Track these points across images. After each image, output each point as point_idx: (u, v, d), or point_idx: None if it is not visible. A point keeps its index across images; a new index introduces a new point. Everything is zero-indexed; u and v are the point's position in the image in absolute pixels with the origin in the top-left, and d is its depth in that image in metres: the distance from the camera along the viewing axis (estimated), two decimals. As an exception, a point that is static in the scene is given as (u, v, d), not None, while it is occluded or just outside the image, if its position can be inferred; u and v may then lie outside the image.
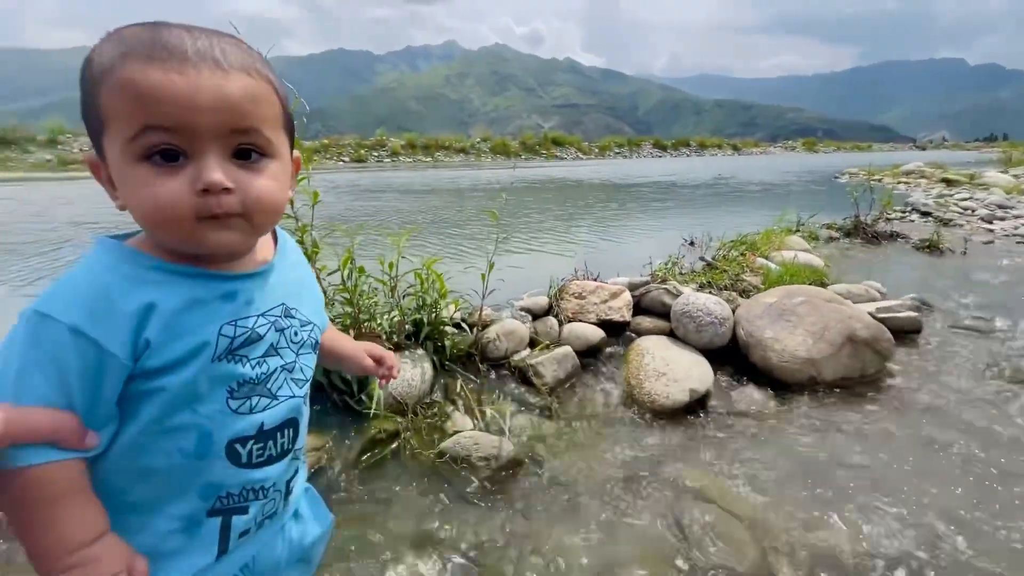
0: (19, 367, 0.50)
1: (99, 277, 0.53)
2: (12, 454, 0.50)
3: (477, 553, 1.27)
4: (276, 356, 0.62)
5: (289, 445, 0.65)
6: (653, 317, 2.46)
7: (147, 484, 0.57)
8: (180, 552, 0.60)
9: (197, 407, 0.56)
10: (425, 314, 2.03)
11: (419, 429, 1.73)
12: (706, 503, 1.46)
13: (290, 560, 0.77)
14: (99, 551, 0.55)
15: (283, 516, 0.72)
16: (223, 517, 0.61)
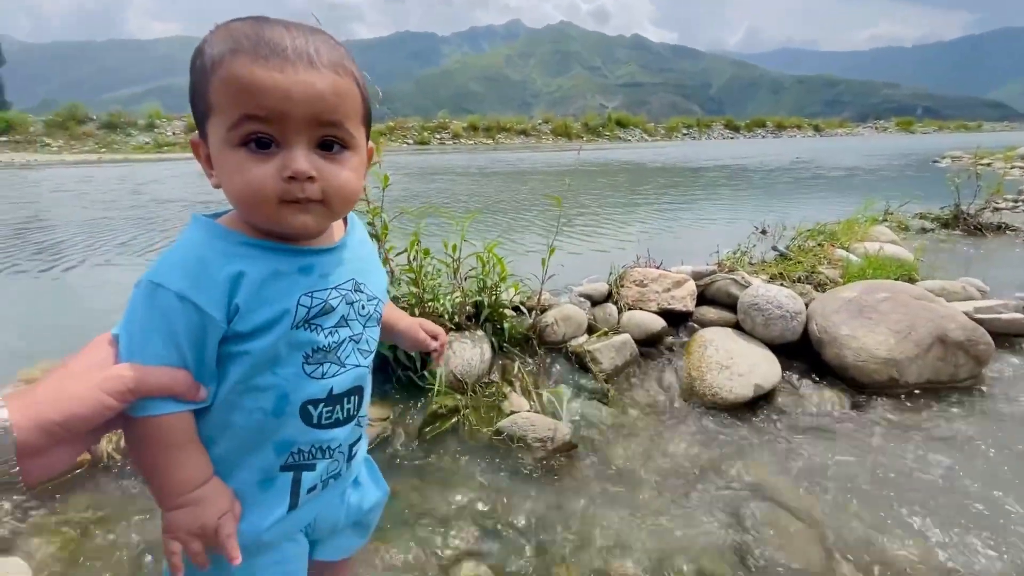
0: (141, 330, 0.58)
1: (197, 250, 0.60)
2: (139, 405, 0.58)
3: (530, 528, 1.31)
4: (346, 327, 0.68)
5: (354, 411, 0.72)
6: (718, 308, 2.38)
7: (233, 437, 0.65)
8: (258, 502, 0.68)
9: (277, 370, 0.63)
10: (486, 296, 2.08)
11: (477, 407, 1.79)
12: (766, 500, 1.42)
13: (347, 522, 0.84)
14: (208, 492, 0.64)
15: (345, 479, 0.79)
16: (294, 472, 0.68)
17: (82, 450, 0.58)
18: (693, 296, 2.37)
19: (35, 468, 0.53)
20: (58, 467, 0.56)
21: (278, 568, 0.74)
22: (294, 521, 0.72)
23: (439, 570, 1.18)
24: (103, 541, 1.22)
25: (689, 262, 2.68)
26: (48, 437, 0.52)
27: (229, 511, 0.65)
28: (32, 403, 0.52)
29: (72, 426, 0.53)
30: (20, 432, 0.50)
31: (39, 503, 1.31)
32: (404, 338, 0.89)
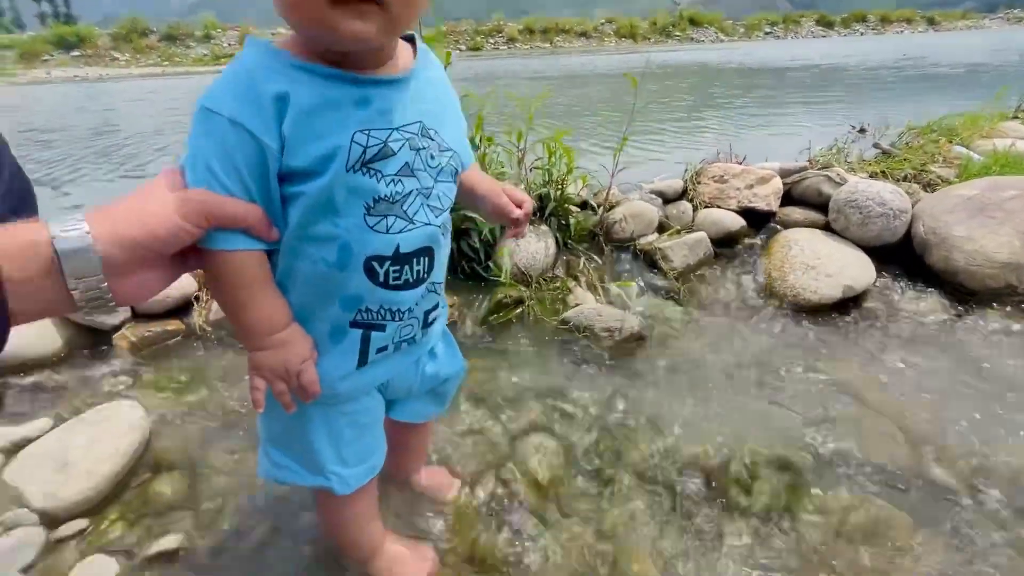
0: (204, 162, 0.55)
1: (244, 69, 0.56)
2: (213, 237, 0.57)
3: (597, 410, 1.31)
4: (412, 177, 0.62)
5: (424, 274, 0.67)
6: (805, 208, 2.16)
7: (302, 286, 0.64)
8: (328, 354, 0.68)
9: (336, 220, 0.59)
10: (551, 189, 1.98)
11: (542, 300, 1.76)
12: (849, 396, 1.34)
13: (423, 387, 0.84)
14: (290, 335, 0.64)
15: (421, 346, 0.78)
16: (363, 331, 0.67)
17: (165, 279, 0.58)
18: (778, 195, 2.16)
19: (123, 287, 0.52)
20: (145, 291, 0.56)
21: (352, 418, 0.76)
22: (365, 378, 0.73)
23: (507, 440, 1.21)
24: (201, 395, 1.33)
25: (775, 161, 2.41)
26: (130, 254, 0.51)
27: (310, 358, 0.65)
28: (111, 220, 0.51)
29: (151, 246, 0.52)
30: (103, 246, 0.49)
31: (143, 365, 1.44)
32: (485, 203, 0.81)
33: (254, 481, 1.09)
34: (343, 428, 0.75)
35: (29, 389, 1.30)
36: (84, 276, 0.49)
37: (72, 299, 0.49)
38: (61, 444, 1.06)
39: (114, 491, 1.04)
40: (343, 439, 0.75)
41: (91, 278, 0.49)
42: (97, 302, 0.51)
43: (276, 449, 0.77)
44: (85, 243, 0.48)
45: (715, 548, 0.98)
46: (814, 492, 1.09)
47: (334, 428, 0.74)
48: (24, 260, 0.46)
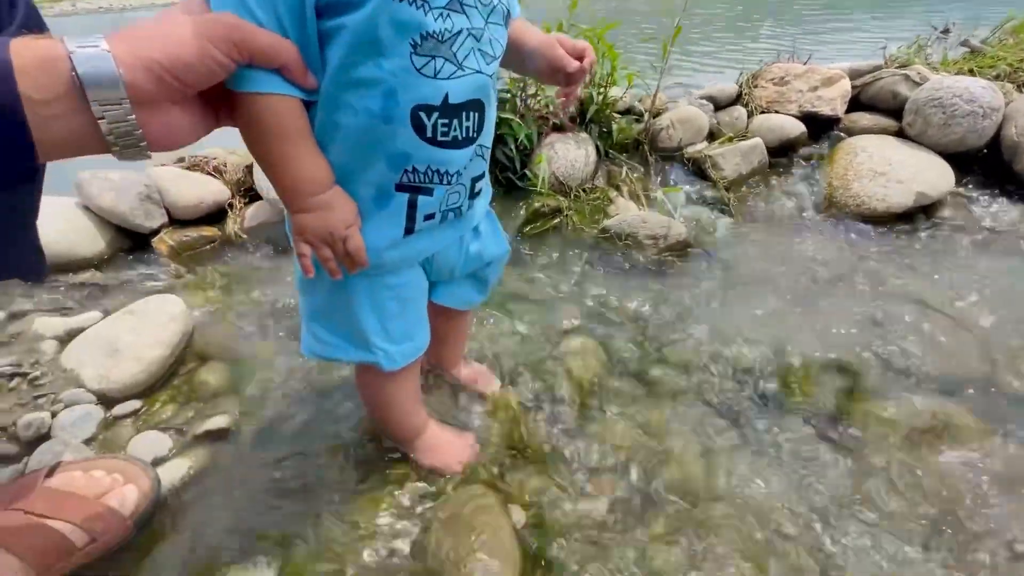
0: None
1: None
2: (248, 77, 0.50)
3: (639, 316, 1.25)
4: (462, 14, 0.55)
5: (474, 133, 0.62)
6: (876, 114, 1.94)
7: (343, 143, 0.58)
8: (374, 220, 0.64)
9: (381, 60, 0.53)
10: (593, 91, 1.82)
11: (581, 210, 1.67)
12: (917, 304, 1.24)
13: (466, 268, 0.80)
14: (332, 198, 0.60)
15: (466, 220, 0.74)
16: (410, 195, 0.62)
17: (195, 125, 0.52)
18: (845, 98, 1.94)
19: (152, 124, 0.47)
20: (176, 134, 0.50)
21: (396, 292, 0.72)
22: (412, 248, 0.68)
23: (547, 341, 1.18)
24: (239, 296, 1.34)
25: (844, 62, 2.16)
26: (155, 81, 0.45)
27: (355, 224, 0.60)
28: (133, 40, 0.44)
29: (178, 73, 0.46)
30: (126, 69, 0.42)
31: (182, 268, 1.45)
32: (536, 57, 0.72)
33: (296, 373, 1.10)
34: (387, 301, 0.72)
35: (77, 287, 1.33)
36: (108, 101, 0.43)
37: (99, 132, 0.44)
38: (110, 333, 1.08)
39: (163, 377, 1.07)
40: (387, 313, 0.72)
41: (116, 107, 0.44)
42: (128, 140, 0.46)
43: (319, 325, 0.75)
44: (105, 60, 0.42)
45: (763, 450, 0.94)
46: (874, 396, 1.03)
47: (378, 301, 0.71)
48: (41, 76, 0.41)
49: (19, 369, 1.04)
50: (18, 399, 0.99)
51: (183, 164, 1.66)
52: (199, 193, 1.56)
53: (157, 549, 0.77)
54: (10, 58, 0.39)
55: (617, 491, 0.87)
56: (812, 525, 0.81)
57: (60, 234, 1.38)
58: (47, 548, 0.68)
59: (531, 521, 0.82)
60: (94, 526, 0.72)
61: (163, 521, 0.81)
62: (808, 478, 0.88)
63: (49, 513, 0.71)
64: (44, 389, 1.01)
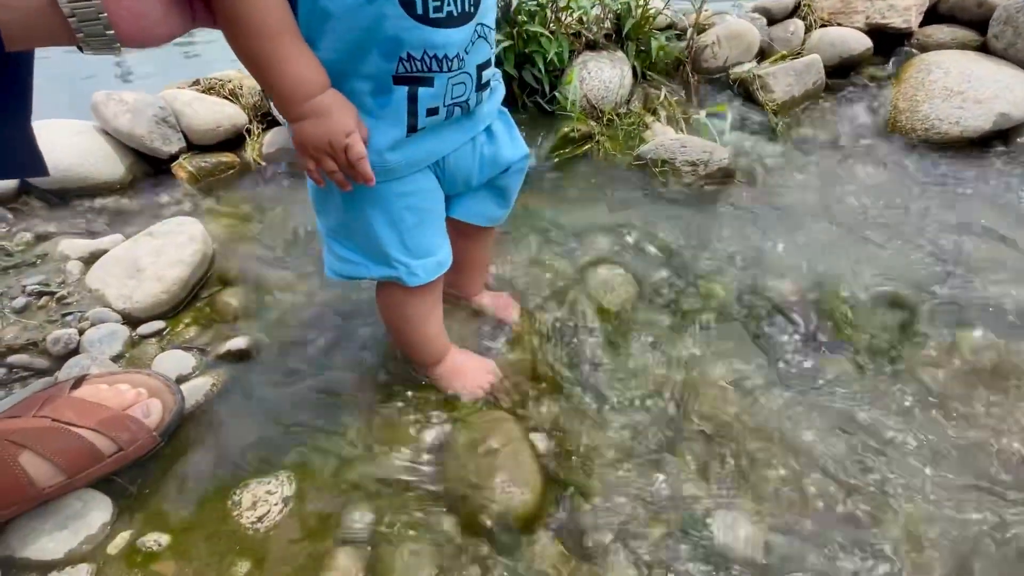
0: None
1: None
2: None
3: (674, 245, 1.17)
4: None
5: (470, 7, 0.55)
6: (955, 26, 1.71)
7: (329, 36, 0.53)
8: (374, 118, 0.59)
9: None
10: (632, 2, 1.65)
11: (614, 136, 1.56)
12: (988, 236, 1.12)
13: (482, 175, 0.74)
14: (329, 101, 0.54)
15: (476, 119, 0.68)
16: (409, 87, 0.58)
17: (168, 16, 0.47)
18: (921, 8, 1.71)
19: (121, 12, 0.42)
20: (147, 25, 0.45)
21: (408, 199, 0.67)
22: (417, 149, 0.63)
23: (573, 270, 1.12)
24: (260, 222, 1.32)
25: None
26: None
27: (355, 131, 0.55)
28: None
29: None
30: None
31: (202, 193, 1.43)
32: None
33: (318, 297, 1.08)
34: (402, 212, 0.67)
35: (98, 211, 1.32)
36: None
37: (62, 15, 0.40)
38: (131, 254, 1.08)
39: (185, 299, 1.07)
40: (404, 224, 0.68)
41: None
42: (94, 25, 0.41)
43: (338, 242, 0.72)
44: None
45: (808, 386, 0.88)
46: (932, 332, 0.94)
47: (392, 212, 0.67)
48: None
49: (47, 288, 1.05)
50: (47, 316, 1.01)
51: (198, 87, 1.60)
52: (216, 117, 1.50)
53: (181, 461, 0.78)
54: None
55: (645, 421, 0.83)
56: (855, 465, 0.76)
57: (80, 157, 1.36)
58: (75, 453, 0.69)
59: (554, 448, 0.80)
60: (120, 436, 0.73)
61: (187, 436, 0.81)
62: (856, 415, 0.82)
63: (76, 421, 0.71)
64: (71, 308, 1.01)
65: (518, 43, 1.55)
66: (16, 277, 1.09)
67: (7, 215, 1.26)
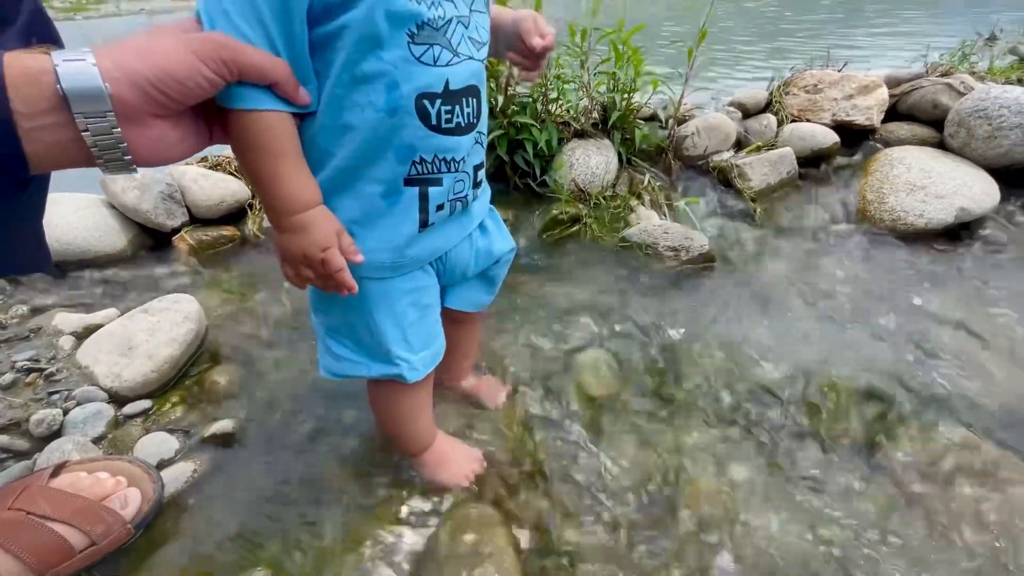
0: (219, 7, 0.49)
1: None
2: (239, 94, 0.50)
3: (657, 329, 1.21)
4: (450, 2, 0.57)
5: (473, 118, 0.63)
6: (914, 124, 1.86)
7: (350, 144, 0.58)
8: (386, 216, 0.63)
9: (381, 52, 0.53)
10: (617, 96, 1.79)
11: (601, 218, 1.63)
12: (955, 329, 1.17)
13: (477, 267, 0.79)
14: (314, 217, 0.58)
15: (473, 213, 0.73)
16: (420, 187, 0.62)
17: (185, 141, 0.51)
18: (882, 107, 1.86)
19: (139, 139, 0.46)
20: (163, 149, 0.49)
21: (412, 296, 0.71)
22: (427, 246, 0.68)
23: (560, 354, 1.14)
24: (255, 296, 1.34)
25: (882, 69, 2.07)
26: (142, 95, 0.44)
27: (332, 246, 0.58)
28: (120, 54, 0.44)
29: (166, 87, 0.45)
30: (112, 83, 0.42)
31: (201, 267, 1.46)
32: (506, 29, 0.72)
33: (305, 377, 1.09)
34: (407, 308, 0.71)
35: (99, 282, 1.35)
36: (92, 114, 0.43)
37: (85, 145, 0.44)
38: (125, 330, 1.09)
39: (174, 377, 1.07)
40: (407, 320, 0.71)
41: (100, 119, 0.43)
42: (113, 153, 0.46)
43: (336, 341, 0.74)
44: (90, 73, 0.42)
45: (789, 479, 0.89)
46: (907, 427, 0.96)
47: (397, 308, 0.70)
48: (27, 89, 0.41)
49: (37, 364, 1.05)
50: (34, 394, 1.01)
51: (206, 164, 1.68)
52: (220, 193, 1.57)
53: (156, 554, 0.76)
54: (2, 71, 0.39)
55: (628, 515, 0.83)
56: (837, 560, 0.76)
57: (85, 230, 1.41)
58: (46, 549, 0.68)
59: (537, 544, 0.79)
60: (94, 529, 0.72)
61: (164, 525, 0.80)
62: (833, 511, 0.83)
63: (51, 514, 0.70)
64: (59, 385, 1.02)
65: (510, 131, 1.66)
66: (7, 352, 1.09)
67: (6, 286, 1.28)
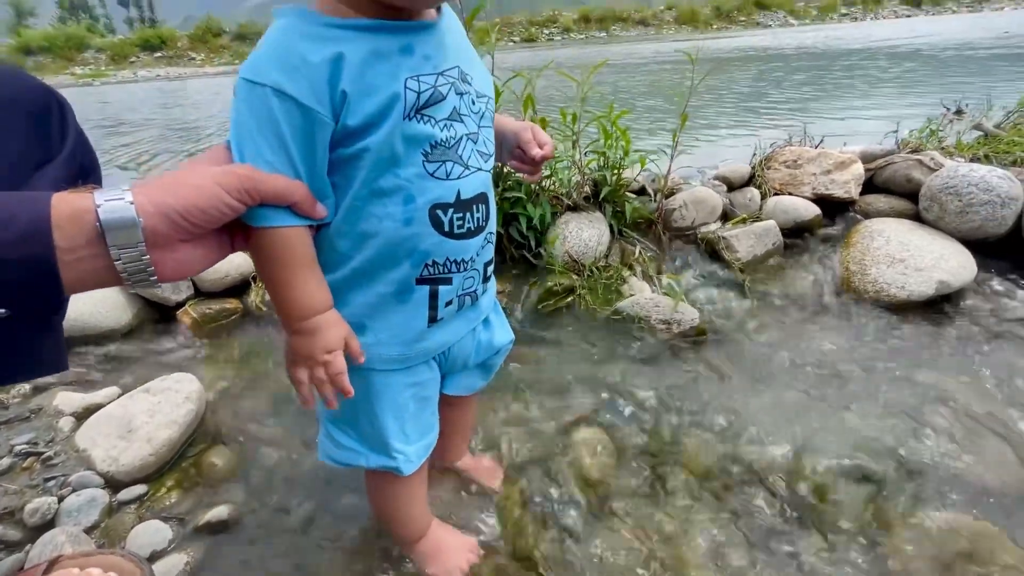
0: (248, 135, 0.55)
1: (287, 38, 0.54)
2: (257, 214, 0.56)
3: (651, 405, 1.23)
4: (460, 122, 0.62)
5: (483, 222, 0.67)
6: (891, 196, 1.95)
7: (367, 251, 0.63)
8: (398, 313, 0.67)
9: (398, 170, 0.59)
10: (607, 173, 1.89)
11: (594, 288, 1.69)
12: (945, 404, 1.18)
13: (477, 358, 0.83)
14: (325, 321, 0.63)
15: (480, 307, 0.77)
16: (430, 286, 0.66)
17: (209, 257, 0.57)
18: (859, 181, 1.96)
19: (164, 261, 0.51)
20: (187, 266, 0.54)
21: (413, 390, 0.74)
22: (434, 340, 0.71)
23: (555, 432, 1.16)
24: (256, 372, 1.36)
25: (856, 145, 2.20)
26: (172, 226, 0.50)
27: (337, 349, 0.62)
28: (153, 190, 0.50)
29: (193, 218, 0.51)
30: (145, 217, 0.48)
31: (203, 341, 1.49)
32: (509, 139, 0.79)
33: (302, 457, 1.09)
34: (408, 401, 0.73)
35: (102, 359, 1.37)
36: (126, 246, 0.48)
37: (115, 270, 0.49)
38: (125, 411, 1.11)
39: (171, 460, 1.07)
40: (407, 413, 0.74)
41: (132, 249, 0.49)
42: (140, 275, 0.51)
43: (338, 429, 0.76)
44: (128, 212, 0.48)
45: (785, 564, 0.88)
46: (901, 508, 0.96)
47: (399, 401, 0.73)
48: (71, 228, 0.46)
49: (35, 448, 1.06)
50: (30, 479, 1.01)
51: (213, 238, 1.74)
52: (225, 267, 1.62)
53: (144, 659, 0.74)
54: (50, 215, 0.44)
55: (625, 611, 0.82)
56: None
57: (91, 306, 1.44)
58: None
59: (533, 642, 0.78)
60: (85, 631, 0.71)
61: (154, 625, 0.78)
62: (833, 605, 0.82)
63: (41, 616, 0.69)
64: (56, 470, 1.02)
65: (504, 205, 1.74)
66: (7, 434, 1.10)
67: (10, 364, 1.30)
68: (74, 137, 0.64)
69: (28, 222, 0.45)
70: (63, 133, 0.64)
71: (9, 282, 0.45)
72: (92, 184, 0.65)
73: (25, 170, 0.60)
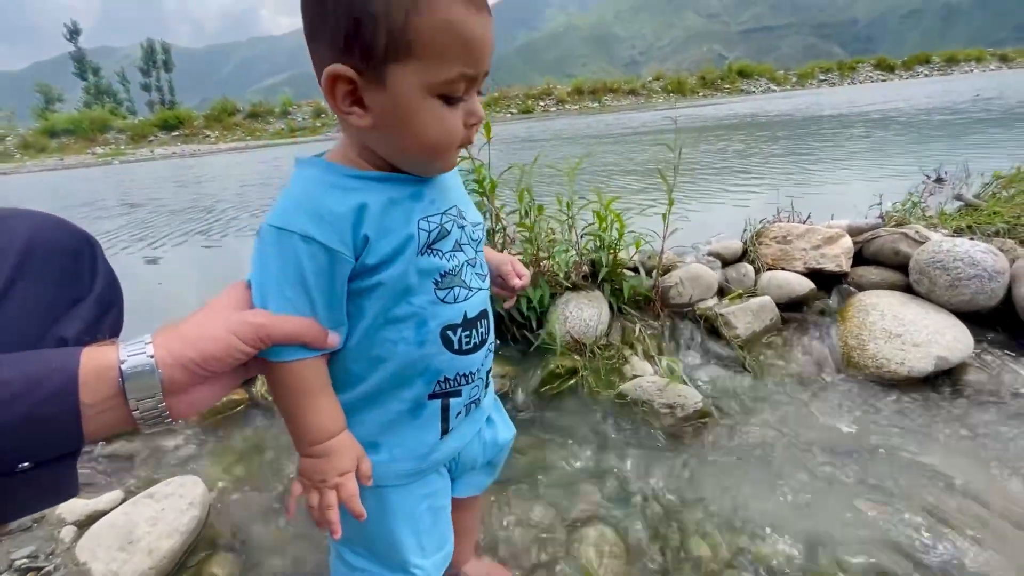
0: (271, 278, 0.59)
1: (313, 189, 0.61)
2: (274, 350, 0.60)
3: (659, 496, 1.21)
4: (461, 252, 0.68)
5: (486, 334, 0.73)
6: (881, 268, 2.01)
7: (382, 372, 0.66)
8: (411, 428, 0.70)
9: (411, 299, 0.64)
10: (604, 254, 1.96)
11: (596, 369, 1.70)
12: (953, 490, 1.16)
13: (485, 457, 0.85)
14: (337, 444, 0.65)
15: (484, 409, 0.80)
16: (441, 400, 0.70)
17: (223, 390, 0.60)
18: (849, 255, 2.02)
19: (180, 404, 0.55)
20: (201, 404, 0.58)
21: (428, 500, 0.75)
22: (446, 449, 0.74)
23: (563, 530, 1.13)
24: (261, 467, 1.36)
25: (841, 218, 2.29)
26: (188, 375, 0.54)
27: (349, 471, 0.64)
28: (174, 341, 0.54)
29: (209, 366, 0.54)
30: (164, 368, 0.52)
31: (209, 434, 1.49)
32: (492, 268, 0.85)
33: (307, 564, 1.07)
34: (423, 514, 0.74)
35: (106, 458, 1.37)
36: (144, 396, 0.52)
37: (132, 418, 0.52)
38: (127, 520, 1.10)
39: (172, 571, 1.05)
40: (423, 526, 0.74)
41: (150, 399, 0.52)
42: (155, 420, 0.54)
43: (352, 551, 0.75)
44: (148, 367, 0.51)
45: None
46: (925, 613, 0.93)
47: (415, 515, 0.73)
48: (96, 384, 0.50)
49: (35, 563, 1.04)
50: (27, 598, 0.98)
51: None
52: (233, 358, 1.65)
53: None
54: (78, 374, 0.48)
55: None
56: None
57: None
58: None
59: None
60: None
61: None
62: None
63: None
64: (54, 587, 1.00)
65: (508, 290, 1.79)
66: (8, 547, 1.09)
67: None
68: (103, 276, 0.70)
69: (59, 383, 0.48)
70: (93, 272, 0.69)
71: (35, 437, 0.48)
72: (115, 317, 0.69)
73: (60, 309, 0.64)
